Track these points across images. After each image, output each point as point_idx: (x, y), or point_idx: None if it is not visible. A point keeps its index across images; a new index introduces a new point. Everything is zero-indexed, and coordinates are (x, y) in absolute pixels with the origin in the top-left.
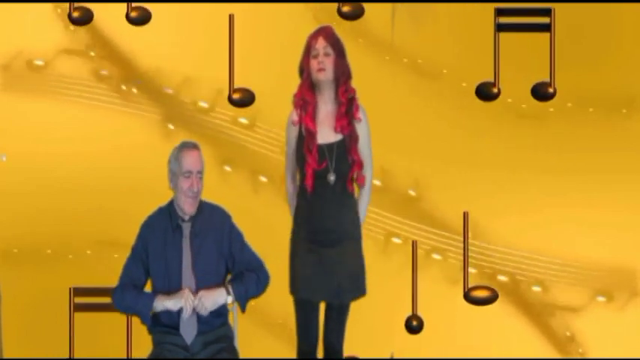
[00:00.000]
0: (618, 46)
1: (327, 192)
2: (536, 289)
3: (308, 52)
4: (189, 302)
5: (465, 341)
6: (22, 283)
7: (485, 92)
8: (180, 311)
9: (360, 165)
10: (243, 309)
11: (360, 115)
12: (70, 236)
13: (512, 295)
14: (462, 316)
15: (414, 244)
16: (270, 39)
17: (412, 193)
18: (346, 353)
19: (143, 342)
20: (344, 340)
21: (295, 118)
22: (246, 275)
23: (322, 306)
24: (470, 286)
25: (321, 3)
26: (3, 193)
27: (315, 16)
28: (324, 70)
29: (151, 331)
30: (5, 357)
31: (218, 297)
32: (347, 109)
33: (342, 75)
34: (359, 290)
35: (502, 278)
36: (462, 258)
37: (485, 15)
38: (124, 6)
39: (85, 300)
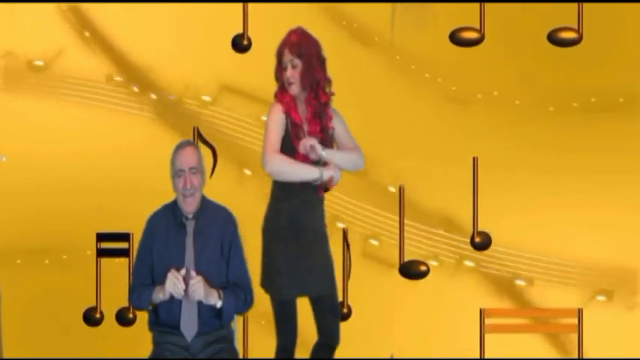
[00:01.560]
0: (619, 46)
1: (306, 192)
2: (536, 288)
3: (279, 61)
4: (174, 281)
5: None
6: (22, 283)
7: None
8: (180, 307)
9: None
10: (227, 322)
11: (334, 123)
12: (70, 236)
13: (512, 295)
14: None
15: (345, 231)
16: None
17: (392, 189)
18: (346, 353)
19: (143, 342)
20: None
21: (282, 108)
22: (237, 291)
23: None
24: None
25: (321, 3)
26: (3, 193)
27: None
28: (292, 84)
29: (151, 328)
30: (5, 357)
31: (211, 294)
32: (318, 115)
33: (310, 83)
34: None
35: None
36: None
37: (486, 15)
38: (123, 6)
39: (109, 245)
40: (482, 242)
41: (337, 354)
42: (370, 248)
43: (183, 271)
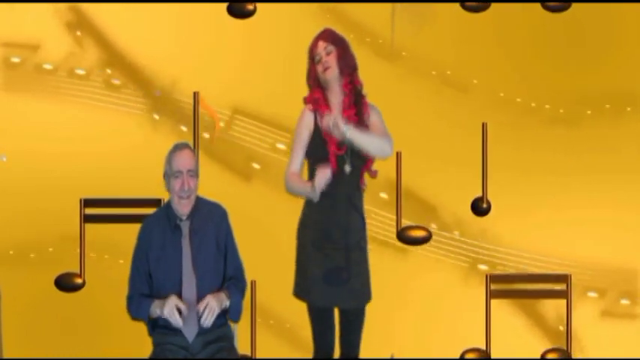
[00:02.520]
0: (620, 46)
1: (340, 188)
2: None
3: (312, 59)
4: (172, 307)
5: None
6: (21, 283)
7: None
8: (180, 310)
9: (372, 160)
10: (238, 318)
11: (370, 111)
12: (70, 236)
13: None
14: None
15: (253, 284)
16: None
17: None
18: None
19: (143, 342)
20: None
21: (309, 107)
22: (237, 284)
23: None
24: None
25: (321, 3)
26: (3, 192)
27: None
28: (329, 68)
29: (150, 334)
30: (5, 357)
31: (224, 299)
32: (354, 100)
33: (347, 67)
34: (368, 296)
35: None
36: (459, 257)
37: (487, 15)
38: (123, 6)
39: (95, 211)
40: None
41: (337, 354)
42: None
43: (185, 311)
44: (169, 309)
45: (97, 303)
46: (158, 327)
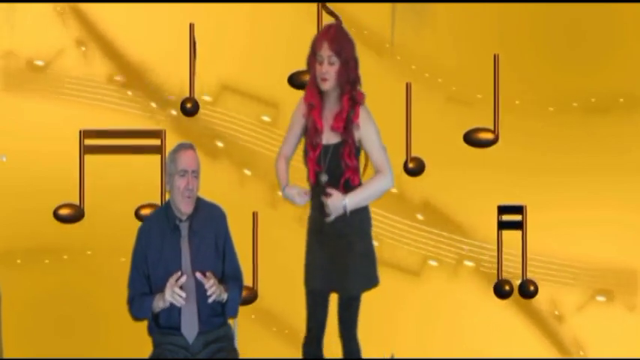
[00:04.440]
0: (620, 46)
1: (322, 191)
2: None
3: (314, 53)
4: (173, 291)
5: None
6: (22, 283)
7: None
8: (179, 310)
9: (354, 170)
10: (234, 314)
11: (360, 120)
12: (70, 236)
13: (515, 296)
14: None
15: (255, 215)
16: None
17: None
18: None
19: (143, 342)
20: (356, 331)
21: (303, 108)
22: (236, 282)
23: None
24: None
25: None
26: (3, 193)
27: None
28: (326, 80)
29: (150, 333)
30: (5, 357)
31: (222, 291)
32: (347, 113)
33: (347, 83)
34: (370, 281)
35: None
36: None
37: (486, 15)
38: (123, 6)
39: (94, 142)
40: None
41: (337, 354)
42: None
43: (183, 279)
44: (169, 292)
45: (97, 303)
46: (159, 327)
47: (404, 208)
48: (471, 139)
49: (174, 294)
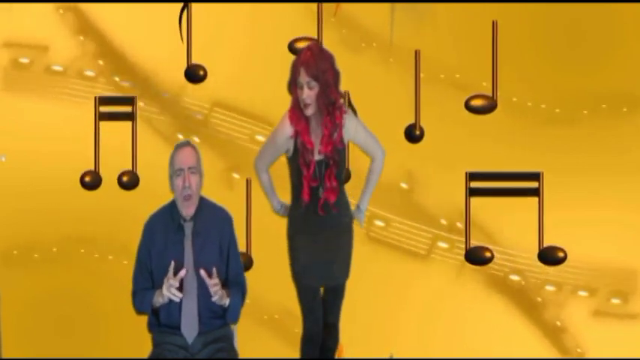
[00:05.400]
0: (620, 46)
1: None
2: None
3: (294, 77)
4: (169, 285)
5: None
6: (21, 283)
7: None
8: (180, 310)
9: (332, 190)
10: (235, 320)
11: (343, 129)
12: (70, 236)
13: (513, 296)
14: None
15: (248, 181)
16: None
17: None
18: (346, 353)
19: (143, 342)
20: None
21: (290, 131)
22: (238, 288)
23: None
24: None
25: (321, 3)
26: (3, 192)
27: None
28: (309, 105)
29: (150, 330)
30: (5, 357)
31: (224, 296)
32: (331, 134)
33: (328, 105)
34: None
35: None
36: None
37: (486, 15)
38: (123, 6)
39: (110, 109)
40: None
41: (337, 354)
42: (371, 247)
43: (182, 272)
44: (166, 287)
45: (97, 303)
46: (159, 324)
47: (403, 207)
48: (470, 106)
49: (170, 287)
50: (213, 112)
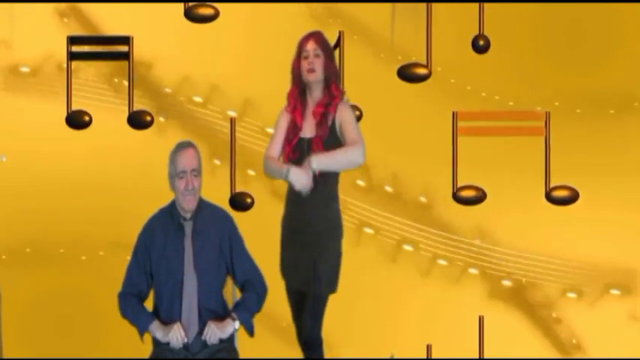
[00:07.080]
0: (620, 46)
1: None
2: (536, 288)
3: (299, 54)
4: (178, 337)
5: None
6: (21, 283)
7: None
8: (180, 308)
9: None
10: (251, 334)
11: (339, 113)
12: (70, 236)
13: (515, 296)
14: None
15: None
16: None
17: (423, 199)
18: (346, 353)
19: (143, 342)
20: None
21: (288, 107)
22: (247, 298)
23: None
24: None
25: (320, 3)
26: (3, 193)
27: (312, 15)
28: (314, 71)
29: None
30: (5, 357)
31: (227, 327)
32: (324, 115)
33: (332, 75)
34: (331, 285)
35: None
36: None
37: (486, 15)
38: (123, 6)
39: (81, 49)
40: None
41: (337, 354)
42: (371, 247)
43: (186, 340)
44: (174, 340)
45: (97, 303)
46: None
47: (401, 207)
48: (404, 73)
49: (177, 340)
50: (208, 104)
